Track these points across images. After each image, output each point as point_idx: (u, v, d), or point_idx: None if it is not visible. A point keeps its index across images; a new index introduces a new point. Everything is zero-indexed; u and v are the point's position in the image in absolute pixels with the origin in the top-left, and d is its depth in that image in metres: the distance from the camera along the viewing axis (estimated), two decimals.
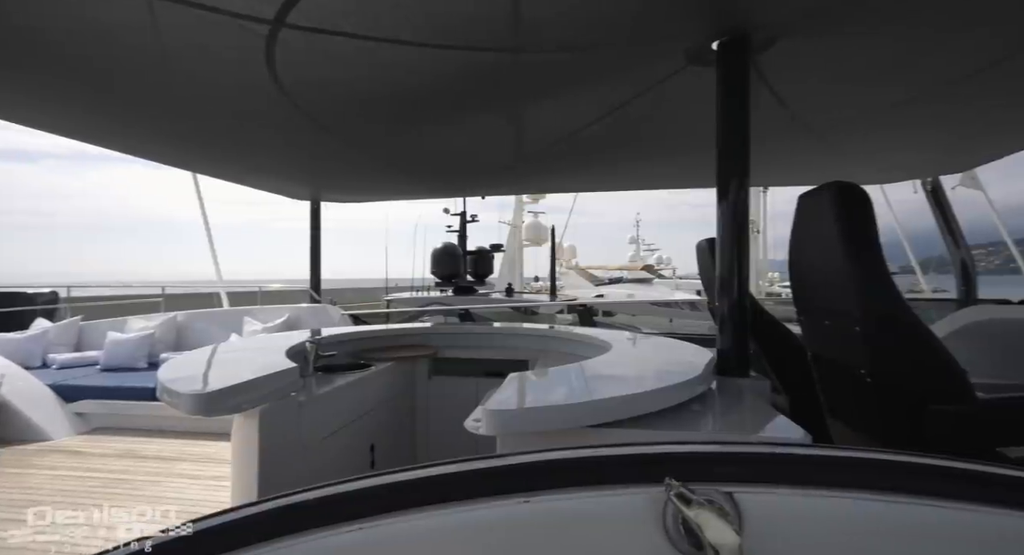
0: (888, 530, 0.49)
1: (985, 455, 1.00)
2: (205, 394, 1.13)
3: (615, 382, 1.19)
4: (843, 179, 1.13)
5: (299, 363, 1.41)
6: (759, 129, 1.98)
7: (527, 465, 0.50)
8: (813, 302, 1.30)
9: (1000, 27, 1.26)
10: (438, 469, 0.49)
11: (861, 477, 0.50)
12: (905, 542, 0.48)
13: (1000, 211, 5.08)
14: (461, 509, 0.46)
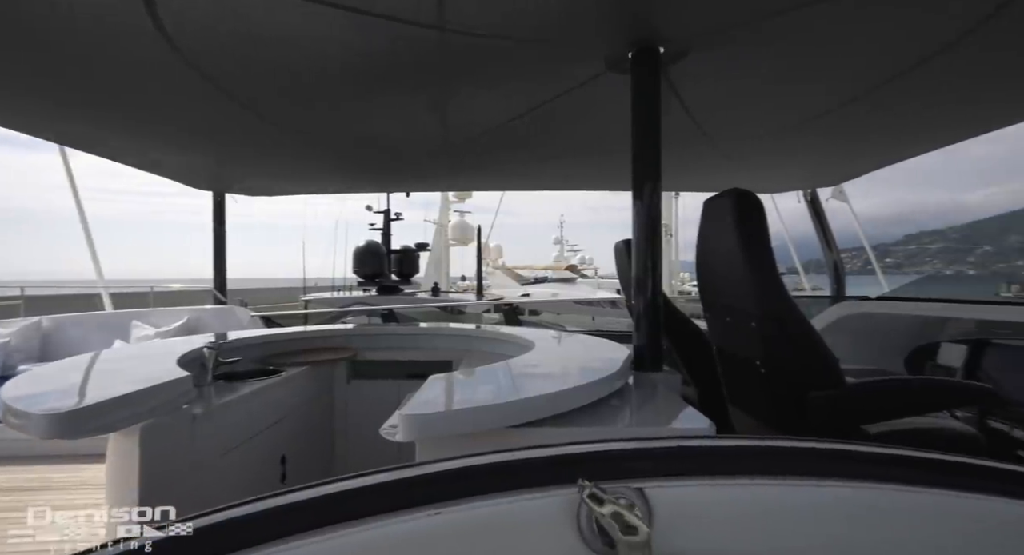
0: (782, 510, 0.53)
1: (852, 433, 1.14)
2: (64, 413, 0.94)
3: (538, 381, 1.20)
4: (743, 187, 1.23)
5: (194, 371, 1.27)
6: (671, 137, 2.10)
7: (439, 474, 0.48)
8: (717, 300, 1.41)
9: (865, 64, 1.44)
10: (342, 484, 0.46)
11: (756, 464, 0.54)
12: (796, 520, 0.53)
13: (860, 221, 5.95)
14: (368, 527, 0.43)
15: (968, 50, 1.22)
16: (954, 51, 1.23)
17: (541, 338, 1.80)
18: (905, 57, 1.32)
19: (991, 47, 1.22)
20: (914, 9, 1.12)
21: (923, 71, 1.36)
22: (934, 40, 1.21)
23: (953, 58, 1.27)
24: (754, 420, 1.36)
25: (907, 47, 1.26)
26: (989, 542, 0.56)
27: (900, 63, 1.36)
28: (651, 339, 1.40)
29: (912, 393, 1.17)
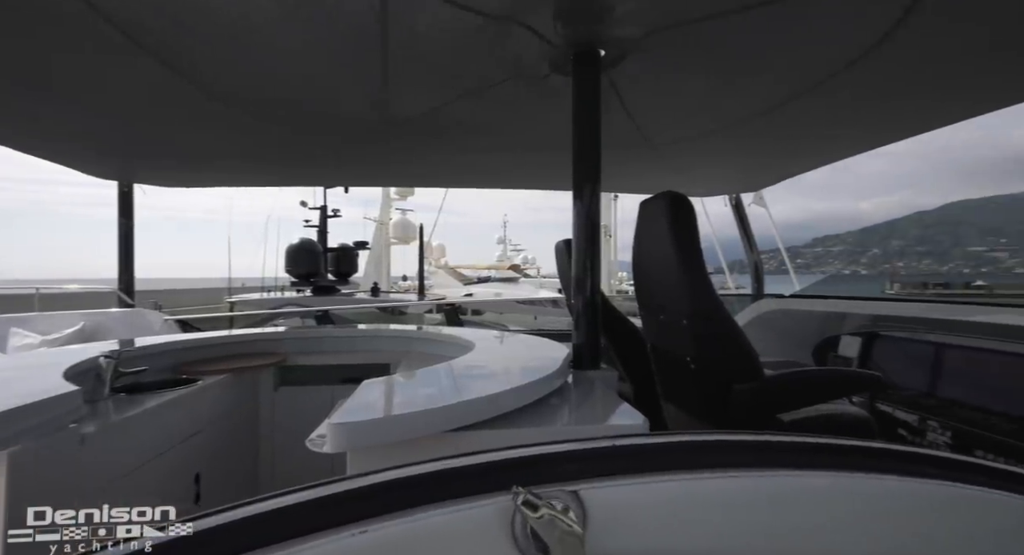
0: (712, 502, 0.55)
1: (769, 422, 1.23)
2: None
3: (478, 382, 1.19)
4: (677, 190, 1.29)
5: (87, 384, 1.12)
6: (612, 139, 2.15)
7: (364, 489, 0.45)
8: (651, 299, 1.46)
9: (775, 79, 1.55)
10: (255, 507, 0.42)
11: (687, 459, 0.56)
12: (725, 510, 0.55)
13: (777, 225, 6.53)
14: (285, 552, 0.39)
15: (870, 66, 1.34)
16: (858, 67, 1.35)
17: (482, 338, 1.78)
18: (814, 72, 1.43)
19: (888, 66, 1.36)
20: (823, 27, 1.21)
21: (828, 86, 1.48)
22: (840, 58, 1.32)
23: (857, 74, 1.40)
24: (685, 414, 1.43)
25: (816, 63, 1.37)
26: (891, 518, 0.61)
27: (807, 80, 1.47)
28: (590, 338, 1.43)
29: (818, 383, 1.28)
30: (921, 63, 1.34)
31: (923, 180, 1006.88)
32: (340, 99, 1.87)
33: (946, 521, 0.62)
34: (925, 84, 1.49)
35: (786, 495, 0.58)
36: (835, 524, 0.59)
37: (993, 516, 0.62)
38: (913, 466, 0.63)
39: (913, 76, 1.42)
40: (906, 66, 1.35)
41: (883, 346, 2.16)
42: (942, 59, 1.31)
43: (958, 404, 1.76)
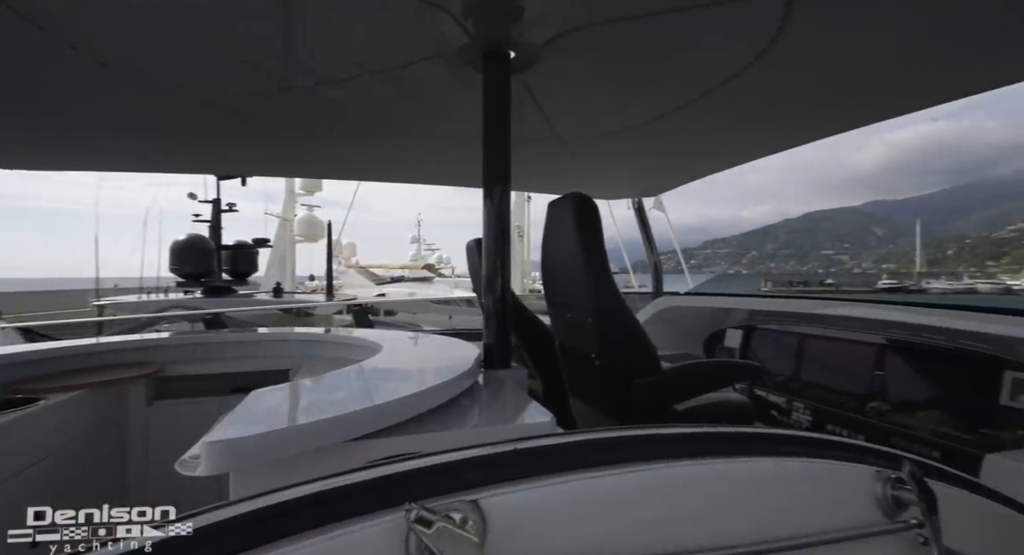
0: (614, 498, 0.56)
1: (665, 412, 1.32)
2: None
3: (384, 385, 1.13)
4: (590, 192, 1.33)
5: None
6: (525, 138, 2.17)
7: (236, 519, 0.39)
8: (559, 297, 1.50)
9: (677, 83, 1.66)
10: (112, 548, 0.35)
11: (588, 457, 0.57)
12: (626, 505, 0.57)
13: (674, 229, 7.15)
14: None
15: (749, 82, 1.49)
16: (739, 82, 1.48)
17: (390, 339, 1.71)
18: (703, 83, 1.56)
19: (764, 83, 1.51)
20: (709, 42, 1.32)
21: (714, 98, 1.62)
22: (724, 71, 1.45)
23: (738, 88, 1.54)
24: (590, 408, 1.48)
25: (705, 74, 1.49)
26: (767, 496, 0.67)
27: (696, 90, 1.60)
28: (500, 337, 1.43)
29: (707, 375, 1.40)
30: (792, 82, 1.51)
31: (789, 192, 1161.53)
32: (229, 62, 1.58)
33: (809, 493, 0.70)
34: (796, 102, 1.69)
35: (677, 485, 0.61)
36: (720, 508, 0.63)
37: (842, 484, 0.71)
38: (781, 447, 0.71)
39: (785, 94, 1.60)
40: (779, 84, 1.51)
41: (759, 337, 2.44)
42: (809, 81, 1.49)
43: (817, 386, 2.04)
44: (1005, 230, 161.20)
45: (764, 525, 0.64)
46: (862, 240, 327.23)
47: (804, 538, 0.64)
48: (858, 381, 1.92)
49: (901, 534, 0.67)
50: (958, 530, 0.69)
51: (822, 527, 0.66)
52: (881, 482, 0.69)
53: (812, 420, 1.89)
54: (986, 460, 1.29)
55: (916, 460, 0.73)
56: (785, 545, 0.62)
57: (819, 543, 0.64)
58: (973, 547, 0.72)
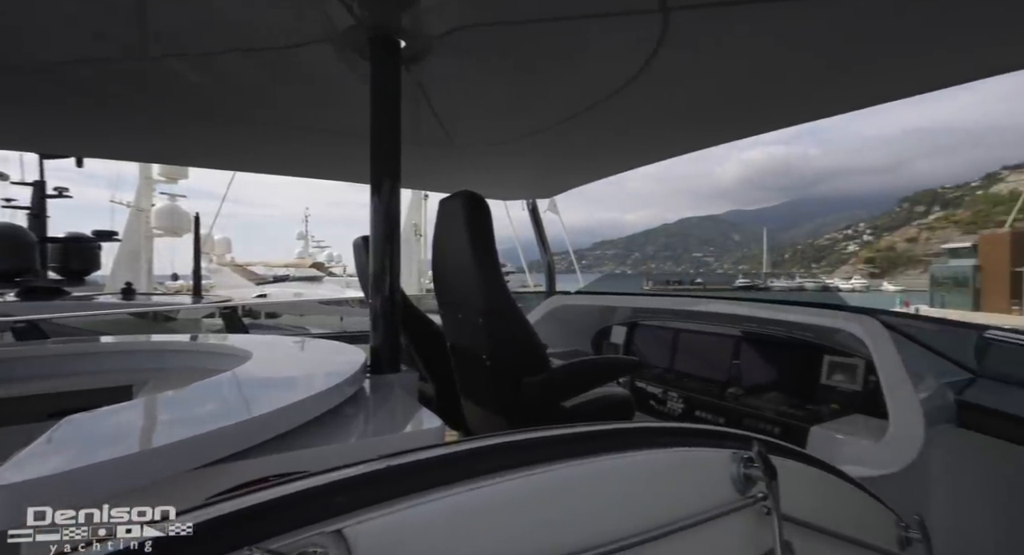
0: (490, 509, 0.54)
1: (554, 409, 1.35)
2: None
3: (249, 399, 1.00)
4: (484, 192, 1.31)
5: None
6: (418, 135, 2.09)
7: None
8: (450, 297, 1.47)
9: (570, 91, 1.72)
10: None
11: (466, 468, 0.54)
12: (503, 515, 0.55)
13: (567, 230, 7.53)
14: None
15: (632, 94, 1.59)
16: (623, 94, 1.58)
17: (263, 345, 1.53)
18: (592, 94, 1.63)
19: (645, 97, 1.63)
20: (596, 55, 1.39)
21: (602, 108, 1.71)
22: (609, 84, 1.53)
23: (623, 100, 1.64)
24: (482, 409, 1.47)
25: (594, 85, 1.57)
26: (642, 487, 0.70)
27: (586, 100, 1.68)
28: (389, 338, 1.35)
29: (592, 371, 1.47)
30: (668, 99, 1.64)
31: (667, 199, 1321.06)
32: (58, 22, 1.28)
33: (681, 480, 0.75)
34: (672, 117, 1.84)
35: (561, 487, 0.61)
36: (603, 505, 0.64)
37: (707, 468, 0.78)
38: (656, 439, 0.75)
39: (663, 109, 1.74)
40: (657, 99, 1.64)
41: (641, 333, 2.64)
42: (682, 99, 1.64)
43: (688, 376, 2.26)
44: (823, 238, 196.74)
45: (643, 516, 0.67)
46: (724, 244, 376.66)
47: (677, 523, 0.68)
48: (720, 370, 2.17)
49: (750, 508, 0.74)
50: (792, 497, 0.79)
51: (691, 511, 0.71)
52: (736, 462, 0.76)
53: (684, 407, 2.09)
54: (811, 432, 1.53)
55: (762, 439, 0.83)
56: (661, 532, 0.66)
57: (690, 526, 0.69)
58: (803, 509, 0.84)
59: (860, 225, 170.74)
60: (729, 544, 0.75)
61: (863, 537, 0.95)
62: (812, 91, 1.57)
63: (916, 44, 1.24)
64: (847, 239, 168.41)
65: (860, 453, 1.36)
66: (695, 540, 0.70)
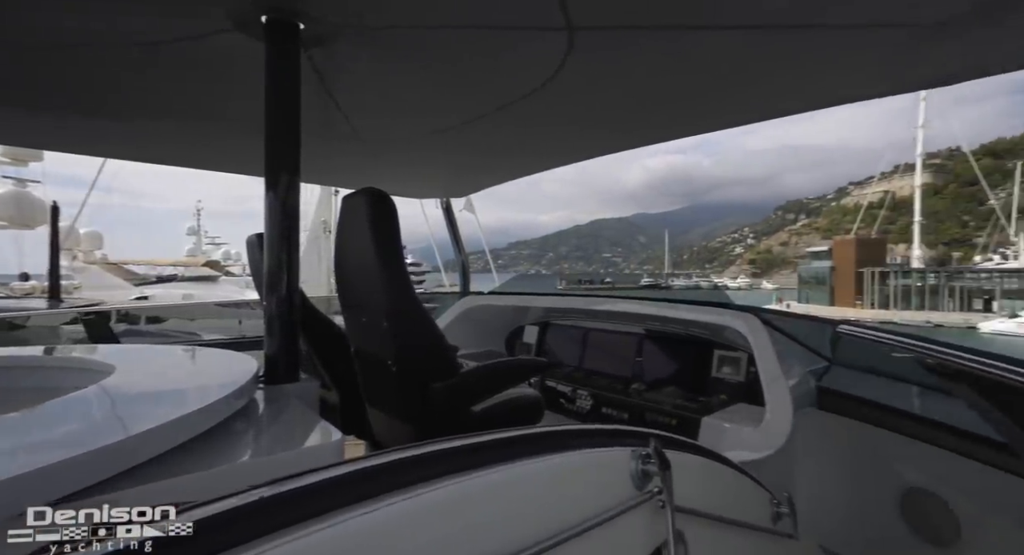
0: (384, 532, 0.50)
1: (463, 414, 1.33)
2: None
3: (103, 422, 0.84)
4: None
5: None
6: (322, 128, 1.95)
7: None
8: (353, 299, 1.38)
9: (483, 91, 1.70)
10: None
11: (357, 489, 0.50)
12: (397, 539, 0.52)
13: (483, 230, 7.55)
14: None
15: (545, 97, 1.60)
16: (535, 97, 1.59)
17: (130, 357, 1.32)
18: (506, 95, 1.63)
19: (556, 101, 1.66)
20: (511, 56, 1.38)
21: (516, 109, 1.72)
22: (523, 86, 1.53)
23: (536, 102, 1.65)
24: (388, 417, 1.40)
25: (508, 86, 1.56)
26: (547, 493, 0.70)
27: (500, 100, 1.67)
28: (285, 345, 1.24)
29: (501, 374, 1.46)
30: (577, 105, 1.69)
31: (578, 201, 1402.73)
32: None
33: (584, 481, 0.76)
34: (581, 122, 1.90)
35: (457, 501, 0.58)
36: (502, 516, 0.63)
37: (609, 468, 0.80)
38: (561, 442, 0.75)
39: (573, 114, 1.79)
40: (567, 105, 1.68)
41: (553, 332, 2.71)
42: (592, 105, 1.69)
43: (596, 374, 2.35)
44: (715, 241, 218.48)
45: (547, 522, 0.66)
46: (631, 246, 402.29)
47: (580, 525, 0.69)
48: (625, 367, 2.28)
49: (647, 503, 0.77)
50: (685, 487, 0.84)
51: (594, 511, 0.72)
52: (635, 460, 0.79)
53: (592, 405, 2.18)
54: (702, 422, 1.66)
55: (658, 435, 0.87)
56: (564, 537, 0.66)
57: (591, 527, 0.70)
58: (694, 498, 0.89)
59: (744, 230, 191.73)
60: (628, 540, 0.77)
61: (744, 517, 1.04)
62: (701, 107, 1.71)
63: (781, 73, 1.40)
64: (734, 242, 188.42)
65: (743, 439, 1.50)
66: (597, 539, 0.71)
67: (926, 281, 35.94)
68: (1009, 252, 42.89)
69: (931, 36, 1.09)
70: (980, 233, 61.59)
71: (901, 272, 37.59)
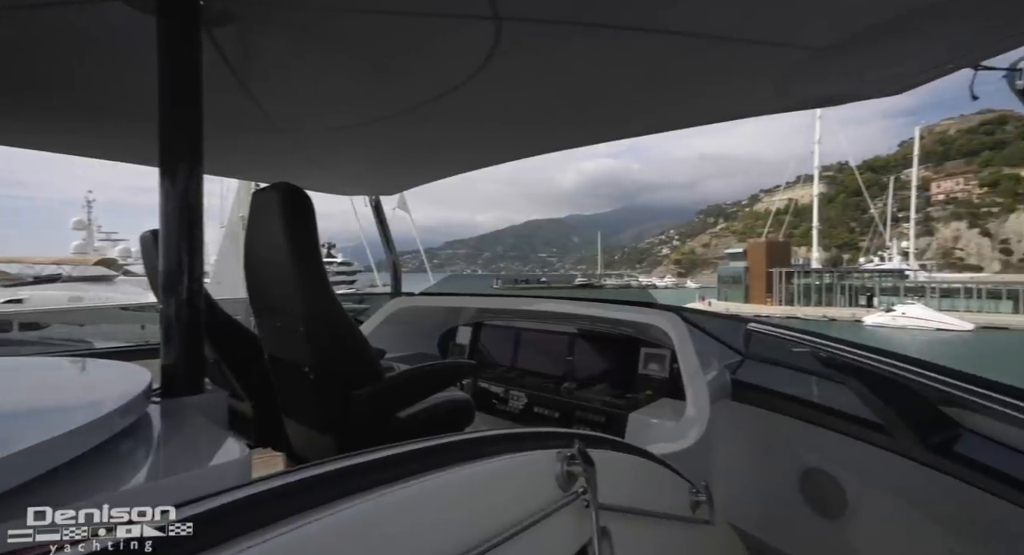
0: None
1: (389, 420, 1.27)
2: None
3: None
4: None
5: None
6: (228, 114, 1.78)
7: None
8: (266, 302, 1.27)
9: (409, 85, 1.64)
10: None
11: (251, 518, 0.46)
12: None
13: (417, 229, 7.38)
14: None
15: (470, 93, 1.57)
16: (461, 93, 1.56)
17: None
18: (431, 89, 1.58)
19: (484, 98, 1.63)
20: (432, 51, 1.34)
21: (441, 104, 1.67)
22: (447, 82, 1.49)
23: (461, 99, 1.62)
24: (306, 428, 1.31)
25: (432, 80, 1.51)
26: (465, 502, 0.68)
27: (426, 94, 1.62)
28: (186, 353, 1.12)
29: (427, 379, 1.42)
30: (506, 103, 1.68)
31: (515, 201, 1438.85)
32: None
33: (511, 487, 0.75)
34: (511, 122, 1.89)
35: (374, 517, 0.56)
36: (425, 529, 0.61)
37: (535, 471, 0.79)
38: (486, 448, 0.73)
39: (502, 113, 1.77)
40: (496, 104, 1.66)
41: (486, 333, 2.69)
42: (521, 104, 1.69)
43: (529, 374, 2.36)
44: (645, 242, 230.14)
45: (471, 532, 0.65)
46: (565, 246, 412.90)
47: (504, 533, 0.67)
48: (557, 366, 2.31)
49: (572, 504, 0.77)
50: (610, 485, 0.85)
51: (519, 516, 0.71)
52: (560, 461, 0.79)
53: (525, 405, 2.18)
54: (629, 418, 1.72)
55: (583, 435, 0.88)
56: (489, 546, 0.64)
57: (516, 533, 0.69)
58: (619, 495, 0.91)
59: (671, 231, 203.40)
60: (553, 542, 0.77)
61: (665, 509, 1.08)
62: (627, 111, 1.77)
63: (697, 83, 1.48)
64: (662, 243, 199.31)
65: (666, 432, 1.56)
66: (523, 544, 0.70)
67: (823, 280, 40.58)
68: (885, 255, 49.69)
69: (820, 59, 1.19)
70: (864, 238, 70.51)
71: (803, 272, 42.14)
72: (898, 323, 29.87)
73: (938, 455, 1.21)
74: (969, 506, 1.16)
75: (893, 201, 65.34)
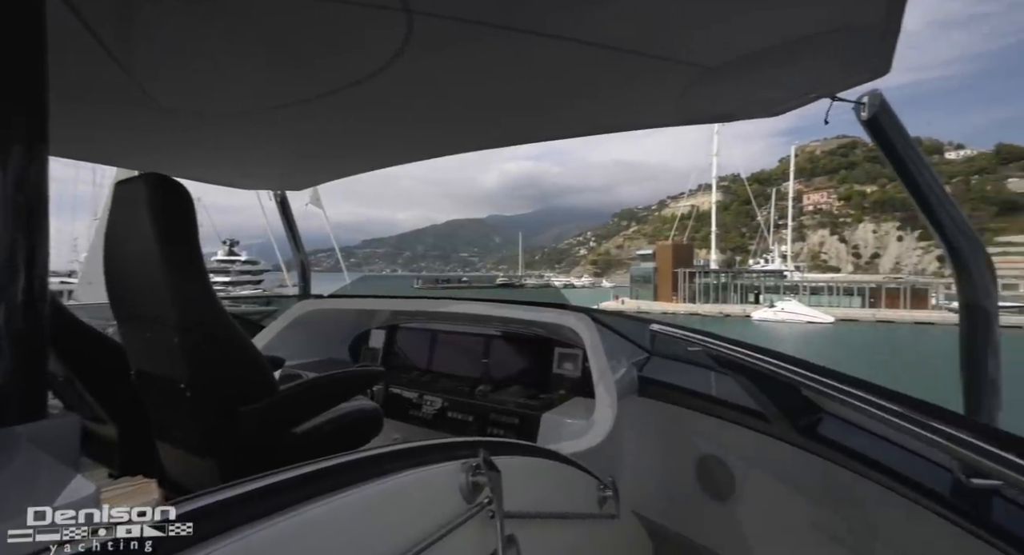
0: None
1: (284, 437, 1.16)
2: None
3: None
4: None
5: None
6: (92, 87, 1.53)
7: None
8: (132, 310, 1.10)
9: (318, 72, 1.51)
10: None
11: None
12: None
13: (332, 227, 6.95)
14: None
15: (383, 86, 1.49)
16: (372, 85, 1.47)
17: None
18: (343, 78, 1.47)
19: (394, 91, 1.55)
20: (345, 40, 1.25)
21: (355, 93, 1.57)
22: (358, 72, 1.40)
23: (374, 91, 1.52)
24: (184, 453, 1.16)
25: (343, 71, 1.41)
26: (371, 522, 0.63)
27: (324, 85, 1.51)
28: (23, 370, 0.93)
29: (329, 389, 1.32)
30: (419, 99, 1.61)
31: (436, 200, 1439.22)
32: None
33: (413, 504, 0.71)
34: (424, 118, 1.82)
35: (262, 550, 0.50)
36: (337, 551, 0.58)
37: (439, 485, 0.75)
38: (385, 466, 0.68)
39: (414, 108, 1.70)
40: (410, 96, 1.59)
41: (401, 336, 2.59)
42: (433, 100, 1.63)
43: (444, 377, 2.31)
44: (564, 243, 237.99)
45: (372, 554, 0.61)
46: (486, 246, 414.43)
47: (409, 551, 0.64)
48: (473, 368, 2.29)
49: (477, 516, 0.75)
50: (516, 491, 0.84)
51: (423, 533, 0.68)
52: (465, 472, 0.76)
53: (438, 410, 2.12)
54: (542, 419, 1.74)
55: (488, 442, 0.86)
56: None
57: (422, 549, 0.65)
58: (526, 501, 0.90)
59: (588, 233, 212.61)
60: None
61: (573, 508, 1.10)
62: (540, 114, 1.78)
63: (602, 91, 1.53)
64: (580, 244, 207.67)
65: (576, 431, 1.60)
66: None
67: (720, 280, 45.33)
68: (768, 257, 56.65)
69: (711, 78, 1.29)
70: (752, 242, 79.45)
71: (703, 272, 46.68)
72: (779, 317, 34.63)
73: (805, 437, 1.37)
74: (825, 478, 1.33)
75: (775, 210, 74.95)
